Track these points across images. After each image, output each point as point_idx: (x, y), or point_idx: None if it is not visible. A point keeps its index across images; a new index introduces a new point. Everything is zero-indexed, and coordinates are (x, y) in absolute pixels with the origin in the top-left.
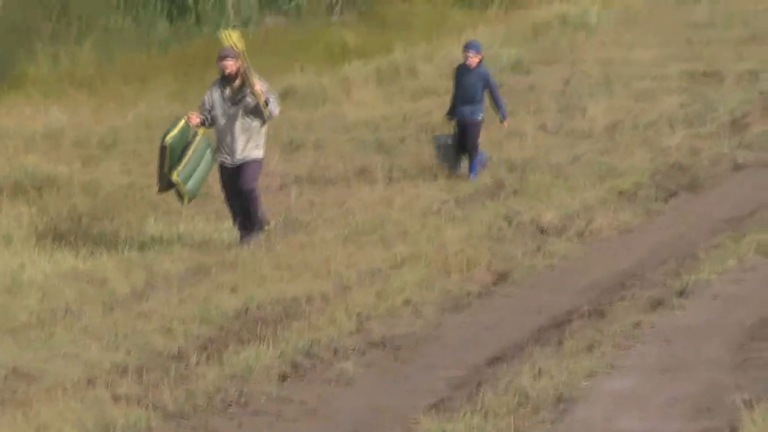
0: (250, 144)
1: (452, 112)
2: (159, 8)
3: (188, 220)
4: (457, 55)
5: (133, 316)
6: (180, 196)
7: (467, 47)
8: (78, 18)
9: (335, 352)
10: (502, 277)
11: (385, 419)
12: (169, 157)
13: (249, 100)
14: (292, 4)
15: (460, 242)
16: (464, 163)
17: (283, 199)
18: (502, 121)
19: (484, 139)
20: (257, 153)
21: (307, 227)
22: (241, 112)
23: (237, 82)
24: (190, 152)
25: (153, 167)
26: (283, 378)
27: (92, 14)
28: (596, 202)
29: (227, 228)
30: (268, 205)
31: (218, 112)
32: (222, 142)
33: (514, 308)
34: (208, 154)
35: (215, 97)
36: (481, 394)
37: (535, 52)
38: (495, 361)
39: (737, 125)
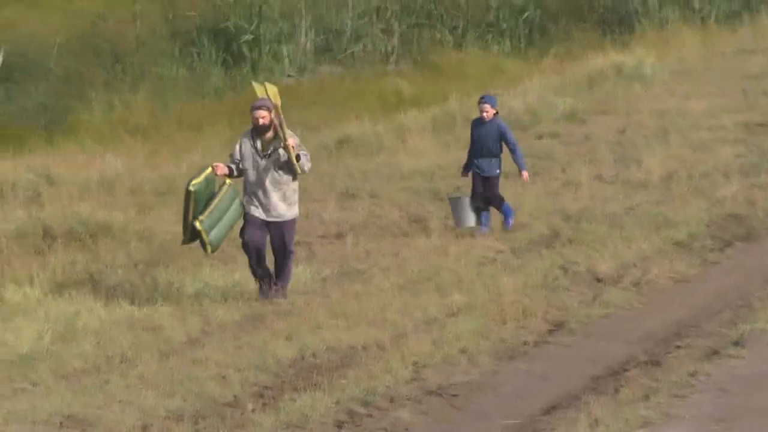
0: (285, 203)
1: (467, 168)
2: (214, 57)
3: (244, 268)
4: (512, 105)
5: (188, 363)
6: (203, 245)
7: (483, 100)
8: (132, 66)
9: (391, 400)
10: (557, 326)
11: None
12: (194, 205)
13: (281, 153)
14: (348, 53)
15: (516, 291)
16: (487, 218)
17: (339, 247)
18: (520, 173)
19: (540, 190)
20: (293, 212)
21: (363, 276)
22: (272, 166)
23: (269, 134)
24: (216, 201)
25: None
26: (340, 426)
27: (147, 62)
28: (652, 252)
29: None
30: (324, 253)
31: (248, 164)
32: (253, 195)
33: (569, 357)
34: (236, 205)
35: (245, 149)
36: None
37: (590, 102)
38: (551, 409)
39: None
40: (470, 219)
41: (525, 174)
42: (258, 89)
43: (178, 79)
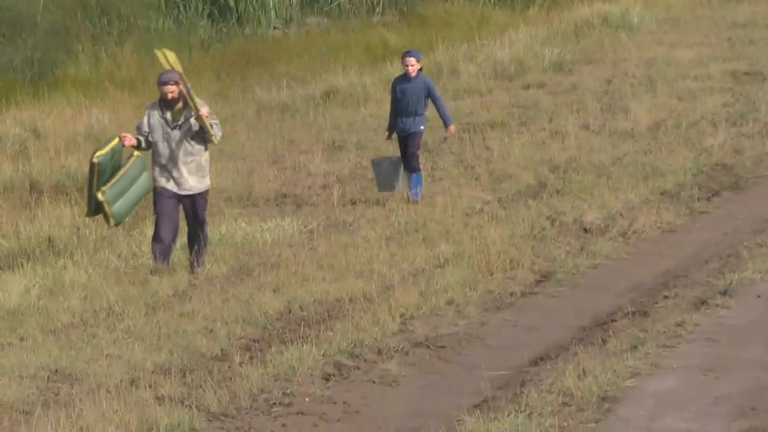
0: (197, 174)
1: (391, 129)
2: (200, 9)
3: (230, 222)
4: (499, 56)
5: (175, 316)
6: (106, 218)
7: (408, 54)
8: (119, 19)
9: (379, 352)
10: (545, 277)
11: (429, 419)
12: (98, 176)
13: (192, 123)
14: (334, 4)
15: (503, 242)
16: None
17: (326, 199)
18: (447, 127)
19: (527, 141)
20: (205, 184)
21: (350, 227)
22: (183, 136)
23: (179, 105)
24: (121, 172)
25: None
26: (327, 378)
27: (133, 15)
28: (639, 202)
29: (269, 228)
30: (311, 205)
31: (158, 136)
32: (163, 168)
33: (557, 308)
34: (143, 178)
35: (154, 120)
36: (525, 394)
37: (577, 52)
38: (538, 360)
39: None
40: (395, 184)
41: (452, 128)
42: (161, 58)
43: (164, 31)
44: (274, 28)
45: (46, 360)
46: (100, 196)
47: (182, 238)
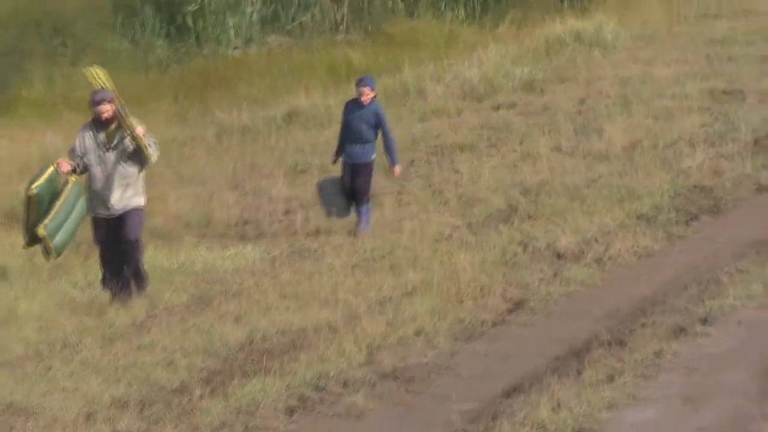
0: (129, 191)
1: (338, 153)
2: (157, 28)
3: (190, 249)
4: (468, 75)
5: (133, 348)
6: (47, 251)
7: (362, 82)
8: (73, 39)
9: (344, 384)
10: (517, 305)
11: None
12: (36, 208)
13: (126, 143)
14: (296, 22)
15: (473, 269)
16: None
17: (289, 225)
18: (392, 167)
19: (498, 163)
20: (138, 200)
21: (314, 254)
22: (118, 158)
23: (112, 126)
24: (59, 203)
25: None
26: (291, 412)
27: (88, 35)
28: (615, 226)
29: (230, 255)
30: (273, 231)
31: (92, 158)
32: (96, 192)
33: (530, 337)
34: (80, 203)
35: (88, 142)
36: (497, 427)
37: (549, 70)
38: (511, 392)
39: (760, 145)
40: (344, 208)
41: (397, 169)
42: (91, 77)
43: (120, 51)
44: (234, 47)
45: (0, 393)
46: (41, 230)
47: None
